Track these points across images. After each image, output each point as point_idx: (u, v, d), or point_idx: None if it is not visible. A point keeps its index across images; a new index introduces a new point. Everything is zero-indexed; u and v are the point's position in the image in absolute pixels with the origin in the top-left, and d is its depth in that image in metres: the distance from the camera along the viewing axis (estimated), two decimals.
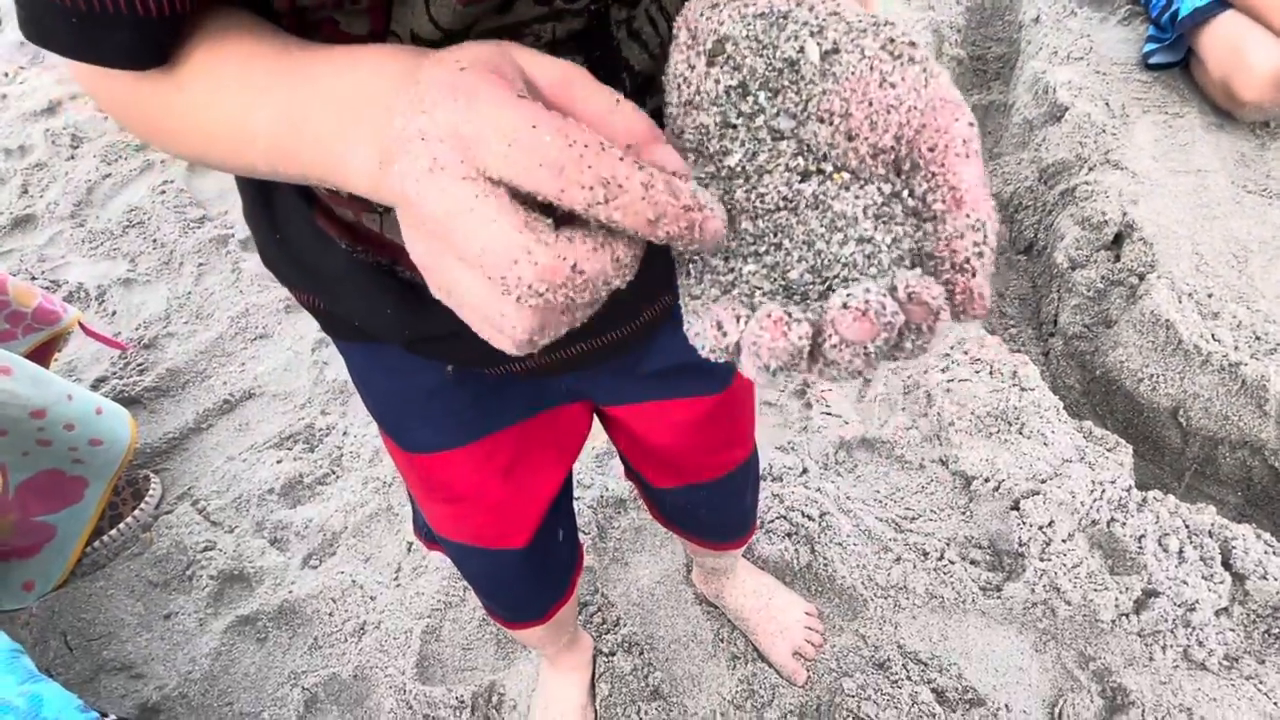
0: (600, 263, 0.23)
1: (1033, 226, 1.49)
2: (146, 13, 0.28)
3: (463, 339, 0.46)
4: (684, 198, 0.22)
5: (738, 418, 0.65)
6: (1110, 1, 1.71)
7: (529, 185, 0.22)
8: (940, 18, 1.90)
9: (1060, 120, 1.50)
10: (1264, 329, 1.11)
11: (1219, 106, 1.43)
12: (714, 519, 0.75)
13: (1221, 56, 1.35)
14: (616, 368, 0.53)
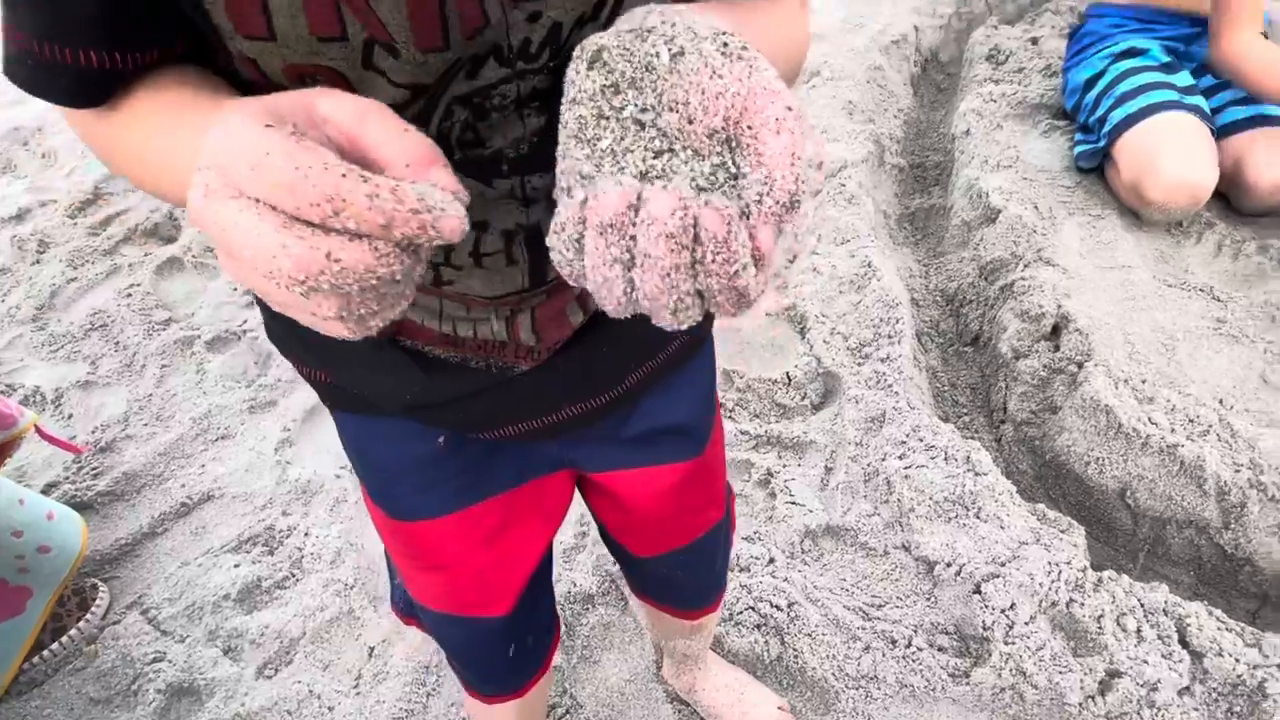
0: (356, 252, 0.25)
1: (977, 320, 1.57)
2: (87, 64, 0.33)
3: (460, 403, 0.49)
4: (409, 203, 0.25)
5: (712, 480, 0.68)
6: (1032, 117, 1.88)
7: (274, 203, 0.25)
8: (880, 130, 2.06)
9: (995, 222, 1.61)
10: (1195, 412, 1.17)
11: (1129, 207, 1.55)
12: (691, 582, 0.76)
13: (1134, 161, 1.48)
14: (602, 432, 0.56)
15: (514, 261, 0.43)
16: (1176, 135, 1.45)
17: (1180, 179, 1.41)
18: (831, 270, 1.58)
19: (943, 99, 2.36)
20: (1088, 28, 1.74)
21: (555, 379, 0.50)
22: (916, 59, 2.43)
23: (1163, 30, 1.68)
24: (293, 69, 0.34)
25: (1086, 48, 1.72)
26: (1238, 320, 1.34)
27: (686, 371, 0.59)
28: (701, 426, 0.64)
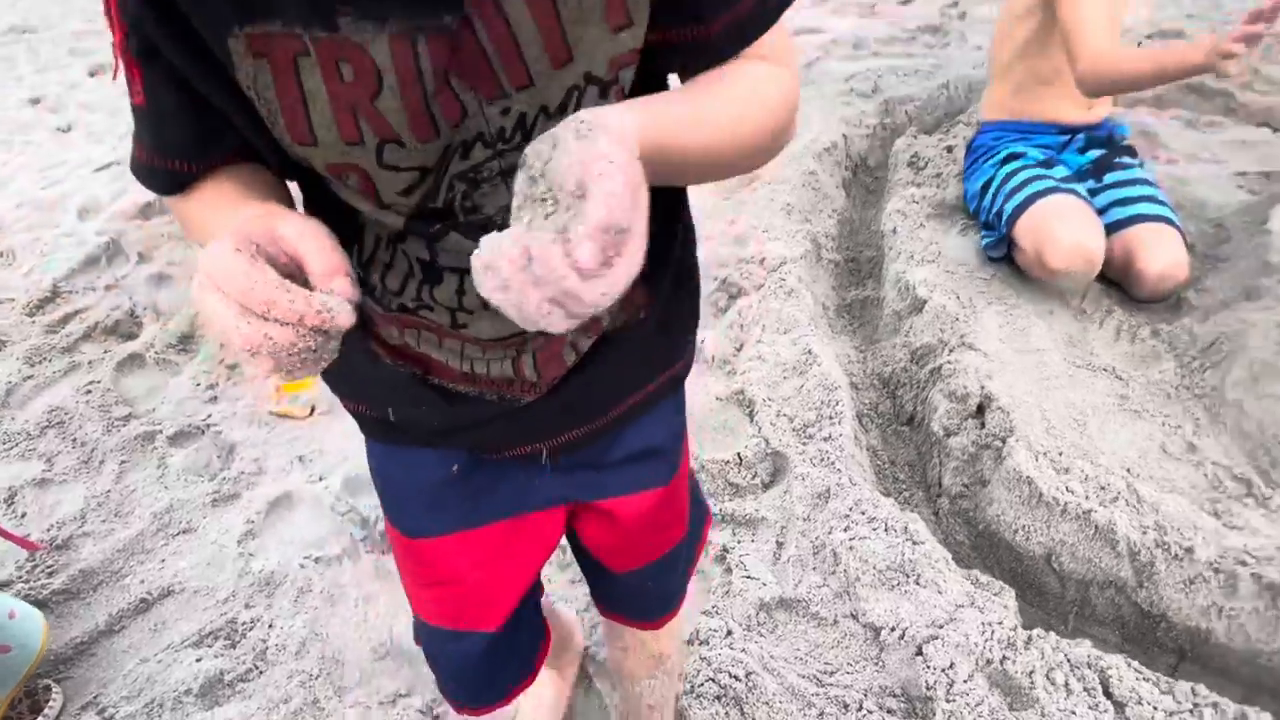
0: (284, 334, 0.38)
1: (911, 401, 1.69)
2: (175, 169, 0.50)
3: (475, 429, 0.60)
4: (314, 306, 0.38)
5: (681, 502, 0.79)
6: (950, 217, 2.08)
7: (235, 300, 0.37)
8: (817, 229, 2.24)
9: (922, 311, 1.77)
10: (1106, 480, 1.29)
11: (1037, 283, 1.73)
12: (658, 591, 0.86)
13: (1034, 238, 1.67)
14: (591, 456, 0.67)
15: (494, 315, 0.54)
16: (1065, 211, 1.66)
17: (1075, 244, 1.60)
18: (776, 357, 1.70)
19: (872, 200, 2.58)
20: (978, 141, 1.98)
21: (553, 408, 0.61)
22: (847, 164, 2.66)
23: (1037, 139, 1.91)
24: (332, 167, 0.47)
25: (979, 158, 1.94)
26: (1138, 397, 1.49)
27: (661, 407, 0.70)
28: (674, 453, 0.75)
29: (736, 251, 2.12)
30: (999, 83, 1.93)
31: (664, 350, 0.67)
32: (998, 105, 1.94)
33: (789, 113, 0.54)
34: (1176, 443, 1.39)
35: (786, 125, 0.54)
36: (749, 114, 0.50)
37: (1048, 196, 1.70)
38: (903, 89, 2.88)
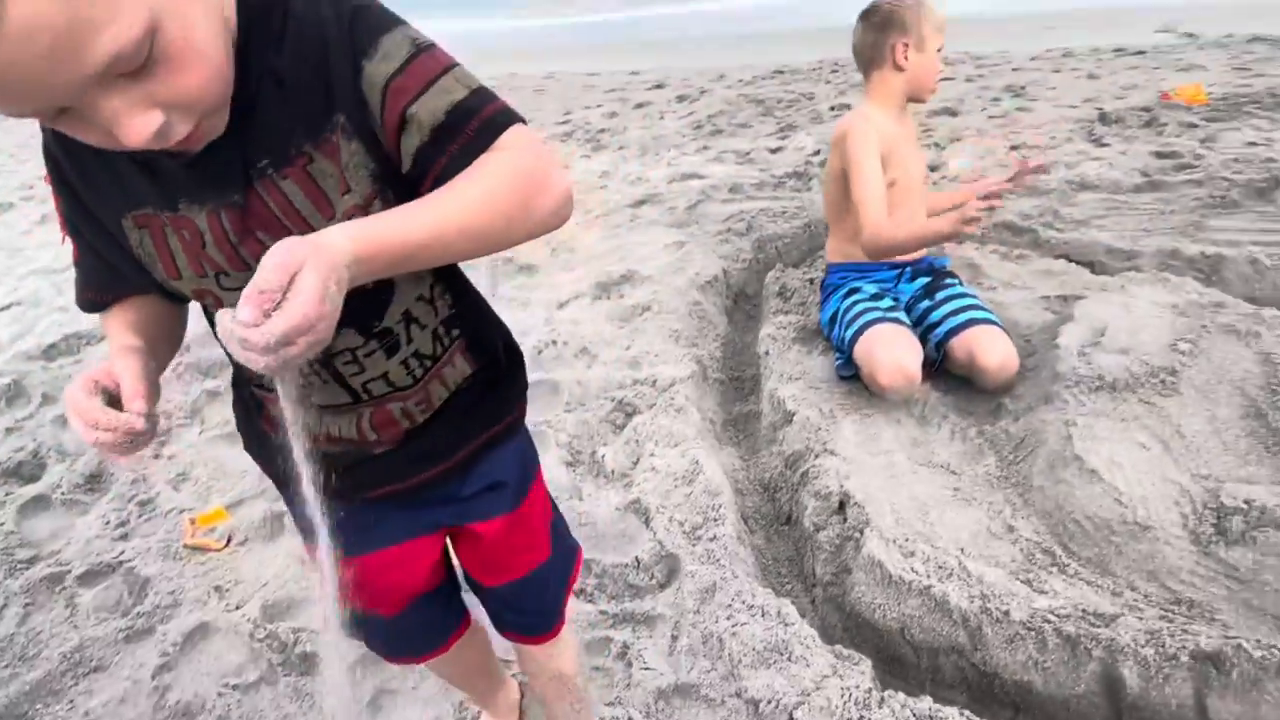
0: (107, 437, 0.61)
1: (787, 502, 1.92)
2: (92, 298, 0.76)
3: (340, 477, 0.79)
4: (120, 422, 0.61)
5: (534, 529, 0.98)
6: (812, 340, 2.41)
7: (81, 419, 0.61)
8: (702, 352, 2.52)
9: (791, 422, 2.03)
10: (943, 559, 1.53)
11: (879, 398, 2.04)
12: (530, 608, 1.05)
13: (866, 361, 2.00)
14: (448, 492, 0.87)
15: (326, 381, 0.77)
16: (888, 337, 2.00)
17: (896, 365, 1.93)
18: (667, 468, 1.91)
19: (751, 325, 2.91)
20: (827, 280, 2.35)
21: (409, 456, 0.83)
22: (728, 294, 3.01)
23: (873, 275, 2.29)
24: (195, 292, 0.71)
25: (828, 294, 2.31)
26: (968, 488, 1.77)
27: (503, 448, 0.91)
28: (519, 484, 0.94)
29: (631, 374, 2.36)
30: (835, 232, 2.32)
31: (495, 405, 0.89)
32: (837, 251, 2.32)
33: (528, 183, 0.66)
34: (998, 524, 1.66)
35: (531, 195, 0.66)
36: (474, 196, 0.63)
37: (875, 326, 2.05)
38: (772, 228, 3.30)
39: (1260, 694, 1.22)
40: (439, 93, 0.65)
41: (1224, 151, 3.62)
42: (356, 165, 0.66)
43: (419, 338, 0.79)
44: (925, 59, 2.11)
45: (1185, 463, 1.58)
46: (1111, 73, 5.63)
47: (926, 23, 2.09)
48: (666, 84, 7.47)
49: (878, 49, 2.14)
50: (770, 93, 6.42)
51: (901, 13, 2.09)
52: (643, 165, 4.68)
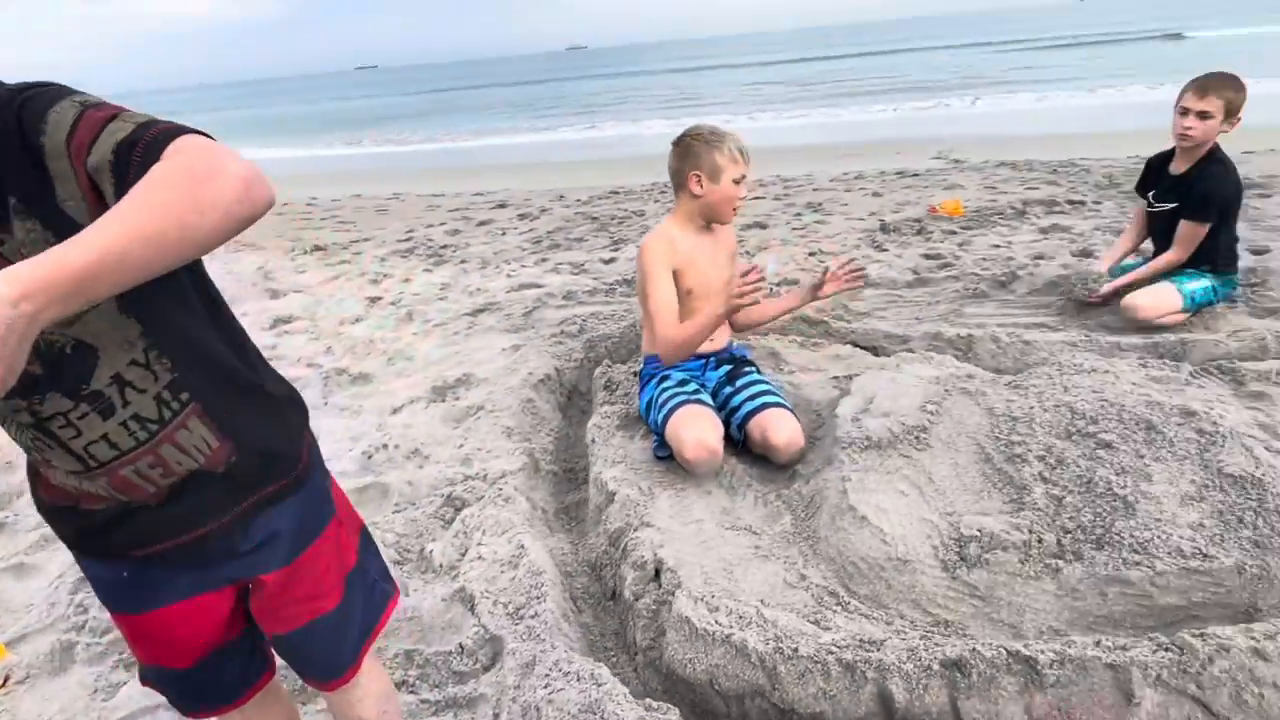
0: None
1: (611, 578, 2.02)
2: None
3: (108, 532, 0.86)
4: None
5: (317, 579, 1.02)
6: (635, 426, 2.58)
7: None
8: (534, 445, 2.63)
9: (614, 502, 2.16)
10: (744, 611, 1.67)
11: (690, 473, 2.22)
12: (320, 655, 1.07)
13: (674, 439, 2.19)
14: (228, 546, 0.91)
15: (50, 445, 0.81)
16: (690, 417, 2.21)
17: (698, 441, 2.13)
18: (494, 555, 1.96)
19: (584, 419, 3.06)
20: (643, 371, 2.57)
21: (176, 513, 0.87)
22: (561, 391, 3.16)
23: (682, 365, 2.53)
24: None
25: (644, 383, 2.52)
26: (768, 545, 1.95)
27: (284, 504, 0.96)
28: (298, 539, 0.99)
29: (463, 471, 2.42)
30: (646, 328, 2.55)
31: (266, 469, 0.94)
32: (650, 344, 2.55)
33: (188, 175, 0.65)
34: (793, 574, 1.84)
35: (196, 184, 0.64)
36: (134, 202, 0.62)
37: (681, 408, 2.26)
38: (602, 329, 3.53)
39: (997, 690, 1.43)
40: (107, 136, 0.67)
41: (976, 253, 4.31)
42: (34, 241, 0.69)
43: (137, 401, 0.81)
44: (719, 188, 2.37)
45: (935, 503, 1.85)
46: (892, 191, 6.55)
47: (722, 156, 2.34)
48: (509, 203, 7.84)
49: (679, 176, 2.43)
50: (605, 211, 6.91)
51: (697, 147, 2.37)
52: (483, 277, 4.86)
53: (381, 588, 1.14)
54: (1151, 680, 1.38)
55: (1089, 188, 5.81)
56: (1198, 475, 1.66)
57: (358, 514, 1.15)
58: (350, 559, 1.08)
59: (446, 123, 22.21)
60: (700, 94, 24.93)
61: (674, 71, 39.60)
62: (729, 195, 2.39)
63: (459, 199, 8.44)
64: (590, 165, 11.32)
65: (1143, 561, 1.56)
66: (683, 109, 19.72)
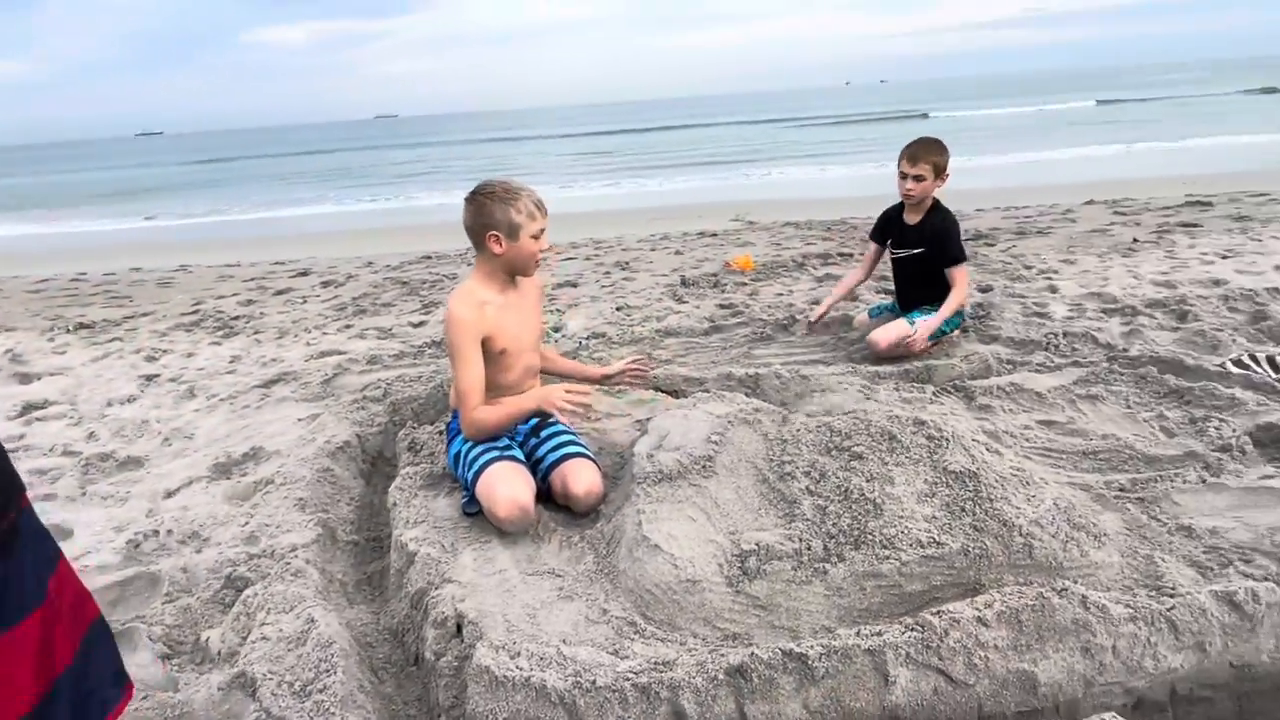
0: None
1: (414, 642, 1.94)
2: None
3: None
4: None
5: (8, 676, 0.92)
6: (440, 485, 2.53)
7: None
8: (331, 516, 2.49)
9: (414, 563, 2.09)
10: (544, 652, 1.68)
11: (500, 528, 2.21)
12: None
13: (485, 496, 2.17)
14: None
15: None
16: (502, 475, 2.21)
17: (510, 499, 2.13)
18: (279, 634, 1.82)
19: (390, 484, 2.95)
20: (452, 425, 2.54)
21: None
22: (364, 458, 3.03)
23: None
24: None
25: (453, 436, 2.49)
26: (571, 586, 1.98)
27: None
28: None
29: (247, 550, 2.24)
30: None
31: None
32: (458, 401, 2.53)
33: None
34: (595, 611, 1.87)
35: None
36: None
37: (493, 464, 2.25)
38: (408, 391, 3.45)
39: (777, 690, 1.53)
40: None
41: (763, 301, 4.72)
42: None
43: None
44: (519, 245, 2.35)
45: (720, 525, 1.98)
46: (693, 249, 7.03)
47: (518, 213, 2.33)
48: (312, 271, 7.49)
49: (477, 234, 2.38)
50: (416, 275, 6.80)
51: (491, 206, 2.33)
52: (279, 347, 4.59)
53: (101, 696, 1.03)
54: (902, 659, 1.55)
55: (856, 242, 6.57)
56: (929, 475, 1.92)
57: (91, 610, 1.04)
58: (62, 660, 0.97)
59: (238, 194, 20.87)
60: (514, 163, 25.44)
61: (487, 141, 40.13)
62: (530, 251, 2.37)
63: (255, 269, 7.94)
64: (404, 231, 11.12)
65: (891, 555, 1.76)
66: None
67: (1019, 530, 1.77)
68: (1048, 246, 5.79)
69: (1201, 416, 2.54)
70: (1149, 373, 2.90)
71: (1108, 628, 1.56)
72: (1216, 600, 1.60)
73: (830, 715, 1.53)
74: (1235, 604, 1.59)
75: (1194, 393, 2.70)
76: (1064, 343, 3.35)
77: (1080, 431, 2.59)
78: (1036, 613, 1.56)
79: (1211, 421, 2.50)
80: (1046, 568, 1.75)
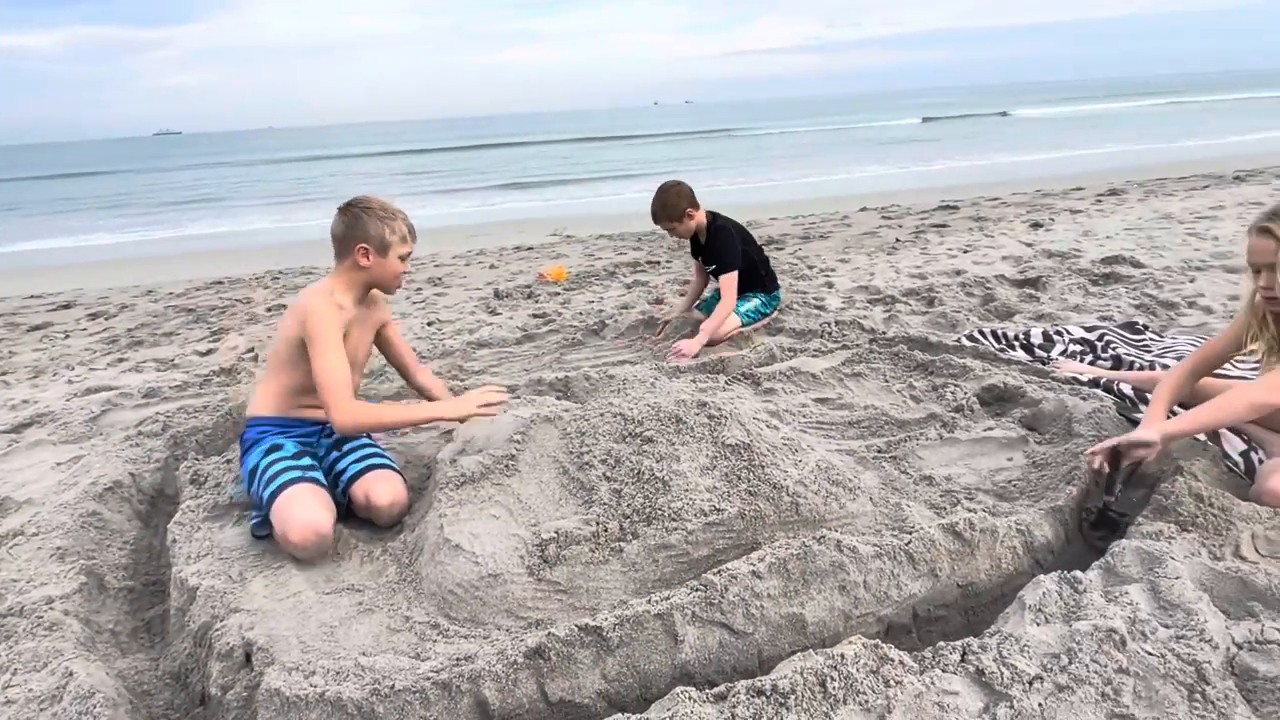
0: None
1: (199, 681, 1.81)
2: None
3: None
4: None
5: None
6: (226, 515, 2.37)
7: None
8: (100, 562, 2.25)
9: (195, 598, 1.94)
10: (341, 666, 1.63)
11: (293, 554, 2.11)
12: None
13: (280, 520, 2.07)
14: None
15: None
16: (301, 497, 2.11)
17: (307, 524, 2.05)
18: (29, 694, 1.63)
19: None
20: (247, 435, 2.40)
21: None
22: (140, 498, 2.76)
23: (295, 431, 2.43)
24: None
25: (249, 448, 2.35)
26: (371, 599, 1.93)
27: None
28: None
29: None
30: (270, 386, 2.39)
31: None
32: (266, 404, 2.39)
33: None
34: (398, 619, 1.85)
35: None
36: None
37: (293, 486, 2.15)
38: (192, 423, 3.18)
39: (576, 665, 1.60)
40: None
41: (575, 309, 4.84)
42: None
43: None
44: (387, 263, 2.40)
45: (523, 519, 2.03)
46: (508, 263, 7.04)
47: (392, 233, 2.38)
48: (77, 303, 6.65)
49: (344, 244, 2.38)
50: (205, 301, 6.26)
51: (367, 220, 2.35)
52: (33, 388, 4.05)
53: None
54: (689, 618, 1.67)
55: (664, 250, 6.90)
56: (710, 450, 2.09)
57: None
58: None
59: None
60: (319, 185, 24.01)
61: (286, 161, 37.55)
62: (395, 271, 2.44)
63: (2, 304, 6.91)
64: (189, 257, 10.16)
65: (678, 526, 1.90)
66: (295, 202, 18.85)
67: (786, 490, 1.97)
68: (827, 248, 6.42)
69: (941, 384, 2.95)
70: (901, 350, 3.32)
71: (859, 566, 1.78)
72: (943, 531, 1.88)
73: (627, 681, 1.62)
74: (957, 533, 1.88)
75: (935, 365, 3.13)
76: (836, 330, 3.74)
77: (847, 405, 2.92)
78: (800, 560, 1.75)
79: (949, 387, 2.91)
80: (811, 521, 1.96)
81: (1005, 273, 4.88)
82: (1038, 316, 3.94)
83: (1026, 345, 3.43)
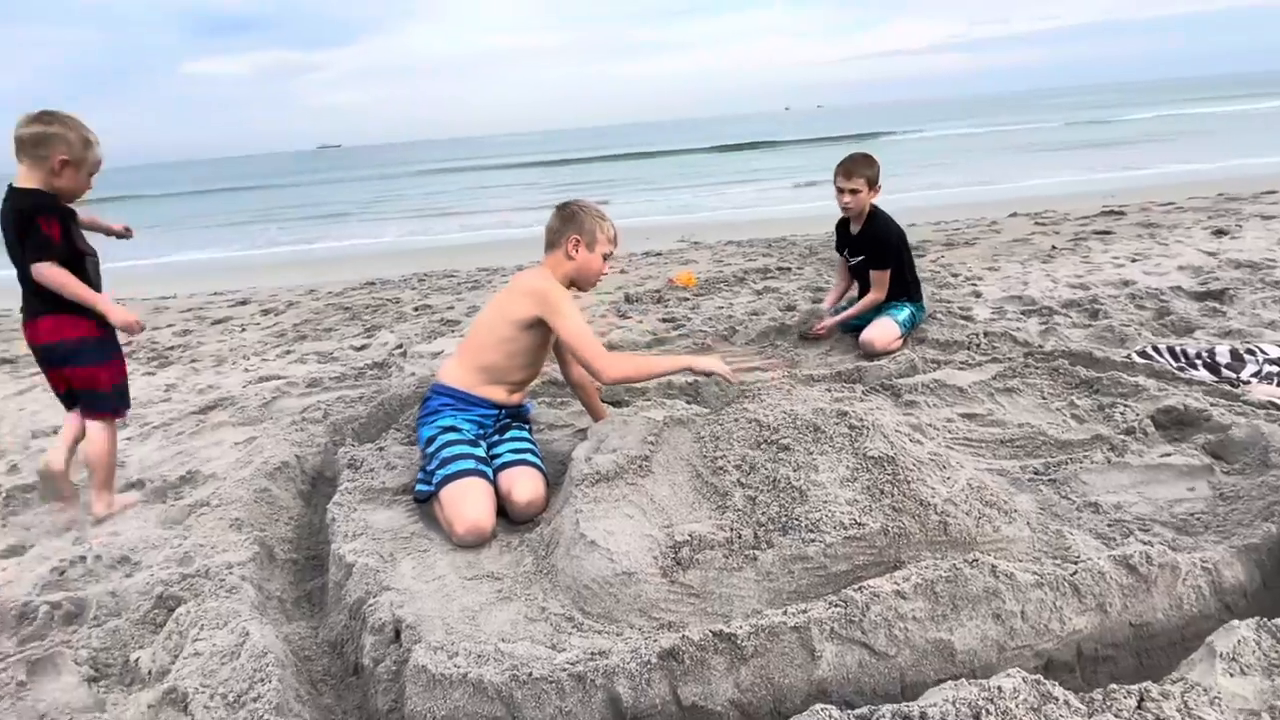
0: None
1: (353, 652, 1.94)
2: None
3: None
4: None
5: None
6: (379, 498, 2.53)
7: None
8: (269, 535, 2.46)
9: (353, 574, 2.09)
10: (483, 650, 1.69)
11: (451, 539, 2.23)
12: None
13: (448, 508, 2.22)
14: None
15: None
16: (471, 494, 2.25)
17: (472, 522, 2.18)
18: (212, 649, 1.80)
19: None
20: (430, 401, 2.59)
21: None
22: (303, 479, 3.00)
23: (473, 412, 2.58)
24: None
25: (429, 415, 2.55)
26: (509, 588, 2.00)
27: None
28: None
29: (180, 570, 2.20)
30: (465, 360, 2.60)
31: None
32: (457, 377, 2.59)
33: None
34: (534, 609, 1.90)
35: None
36: None
37: (465, 478, 2.31)
38: (349, 412, 3.43)
39: (709, 671, 1.58)
40: None
41: (704, 314, 4.82)
42: None
43: None
44: (592, 258, 2.63)
45: (656, 520, 2.03)
46: (637, 268, 7.13)
47: (601, 231, 2.63)
48: (252, 300, 7.36)
49: (557, 235, 2.64)
50: (359, 301, 6.74)
51: (583, 216, 2.63)
52: (217, 375, 4.51)
53: None
54: (827, 634, 1.61)
55: (795, 257, 6.76)
56: (850, 461, 2.01)
57: None
58: None
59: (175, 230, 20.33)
60: (462, 197, 25.36)
61: (435, 172, 39.92)
62: (596, 267, 2.66)
63: (193, 299, 7.76)
64: (347, 260, 11.00)
65: (816, 538, 1.84)
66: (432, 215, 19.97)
67: (934, 509, 1.86)
68: (973, 255, 6.06)
69: (1108, 403, 2.70)
70: (1061, 365, 3.07)
71: (1016, 594, 1.65)
72: (1114, 564, 1.71)
73: (761, 692, 1.58)
74: (1131, 566, 1.71)
75: (1102, 382, 2.87)
76: (985, 342, 3.51)
77: (999, 422, 2.73)
78: (950, 583, 1.65)
79: (1117, 407, 2.66)
80: (961, 543, 1.84)
81: (1183, 284, 4.42)
82: (1224, 333, 3.54)
83: (1211, 364, 3.08)
